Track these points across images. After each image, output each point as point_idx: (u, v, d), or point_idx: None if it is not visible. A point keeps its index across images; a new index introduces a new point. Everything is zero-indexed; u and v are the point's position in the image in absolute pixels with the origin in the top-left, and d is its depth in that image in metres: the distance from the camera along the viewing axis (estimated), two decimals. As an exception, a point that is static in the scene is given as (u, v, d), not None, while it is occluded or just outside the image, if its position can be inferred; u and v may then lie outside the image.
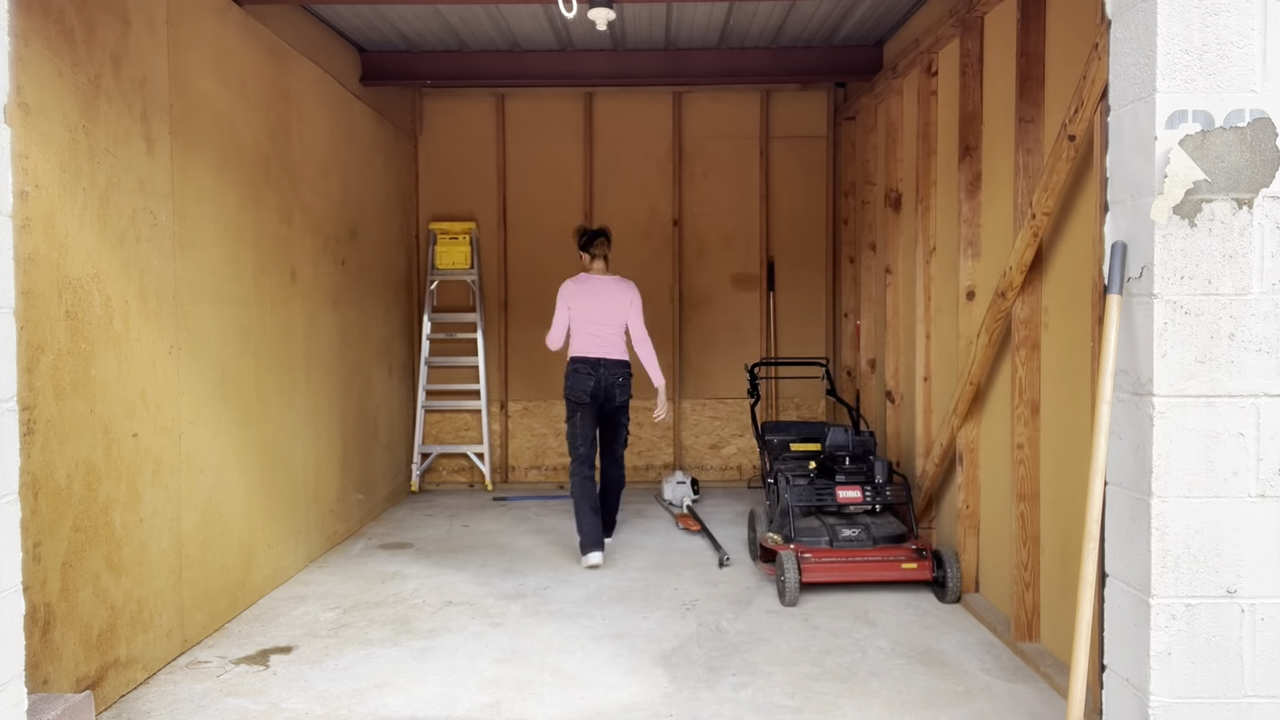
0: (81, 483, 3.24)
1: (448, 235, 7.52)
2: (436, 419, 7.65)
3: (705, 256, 7.65)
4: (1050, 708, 3.39)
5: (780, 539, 4.81)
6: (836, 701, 3.45)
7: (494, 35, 6.15)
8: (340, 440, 5.86)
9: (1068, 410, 3.63)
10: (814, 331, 7.70)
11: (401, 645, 4.05)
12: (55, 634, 3.09)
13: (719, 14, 5.72)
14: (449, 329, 7.60)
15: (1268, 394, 2.33)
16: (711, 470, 7.66)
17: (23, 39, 2.97)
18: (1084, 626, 2.45)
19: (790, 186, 7.65)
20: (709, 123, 7.60)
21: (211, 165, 4.21)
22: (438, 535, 6.02)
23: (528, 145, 7.60)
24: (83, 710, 2.55)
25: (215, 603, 4.20)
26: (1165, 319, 2.32)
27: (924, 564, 4.61)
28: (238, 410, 4.44)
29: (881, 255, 6.18)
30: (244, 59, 4.56)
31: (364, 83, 6.42)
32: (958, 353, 4.60)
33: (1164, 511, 2.33)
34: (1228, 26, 2.32)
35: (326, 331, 5.61)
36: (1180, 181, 2.31)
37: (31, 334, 2.99)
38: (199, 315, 4.09)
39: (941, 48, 4.98)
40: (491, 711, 3.39)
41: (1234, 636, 2.34)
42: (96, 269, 3.35)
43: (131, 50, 3.60)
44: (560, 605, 4.57)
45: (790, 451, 5.53)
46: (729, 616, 4.40)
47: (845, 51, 6.38)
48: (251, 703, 3.48)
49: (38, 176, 3.04)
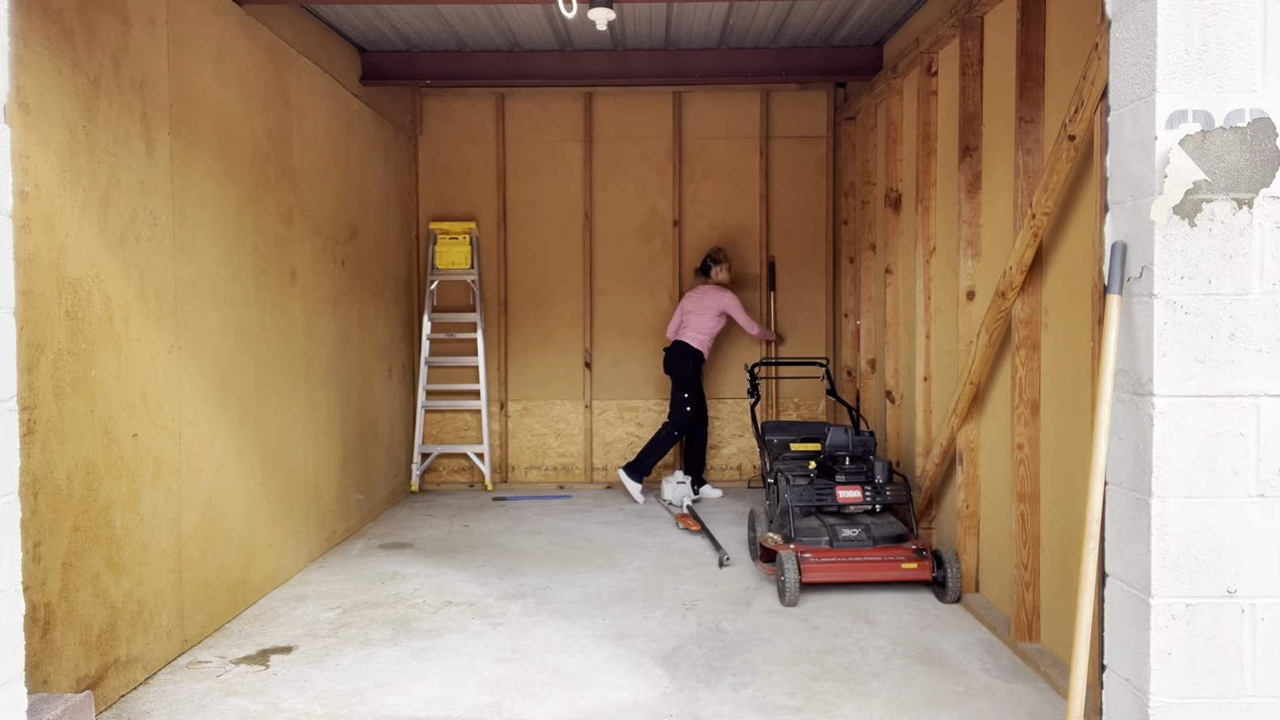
0: (81, 483, 3.24)
1: (448, 235, 7.51)
2: (436, 419, 7.65)
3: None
4: (1050, 708, 3.39)
5: (780, 539, 4.81)
6: (836, 701, 3.45)
7: (494, 35, 6.15)
8: (340, 440, 5.86)
9: (1068, 410, 3.63)
10: (814, 331, 7.70)
11: (401, 645, 4.05)
12: (55, 634, 3.09)
13: (719, 14, 5.72)
14: (449, 329, 7.60)
15: (1268, 394, 2.33)
16: (711, 470, 7.66)
17: (23, 39, 2.97)
18: (1084, 626, 2.45)
19: (790, 186, 7.64)
20: (709, 123, 7.60)
21: (211, 165, 4.21)
22: (438, 535, 6.02)
23: (528, 145, 7.60)
24: (83, 710, 2.55)
25: (215, 603, 4.20)
26: (1165, 319, 2.32)
27: (924, 564, 4.62)
28: (238, 410, 4.44)
29: (881, 255, 6.18)
30: (244, 59, 4.56)
31: (364, 83, 6.42)
32: (958, 353, 4.60)
33: (1164, 511, 2.33)
34: (1228, 26, 2.31)
35: (326, 331, 5.61)
36: (1180, 181, 2.30)
37: (31, 334, 2.99)
38: (199, 315, 4.09)
39: (941, 48, 4.98)
40: (491, 711, 3.39)
41: (1234, 636, 2.34)
42: (96, 269, 3.35)
43: (131, 50, 3.60)
44: (560, 605, 4.57)
45: (790, 451, 5.53)
46: (729, 616, 4.40)
47: (845, 51, 6.38)
48: (251, 703, 3.48)
49: (38, 176, 3.04)
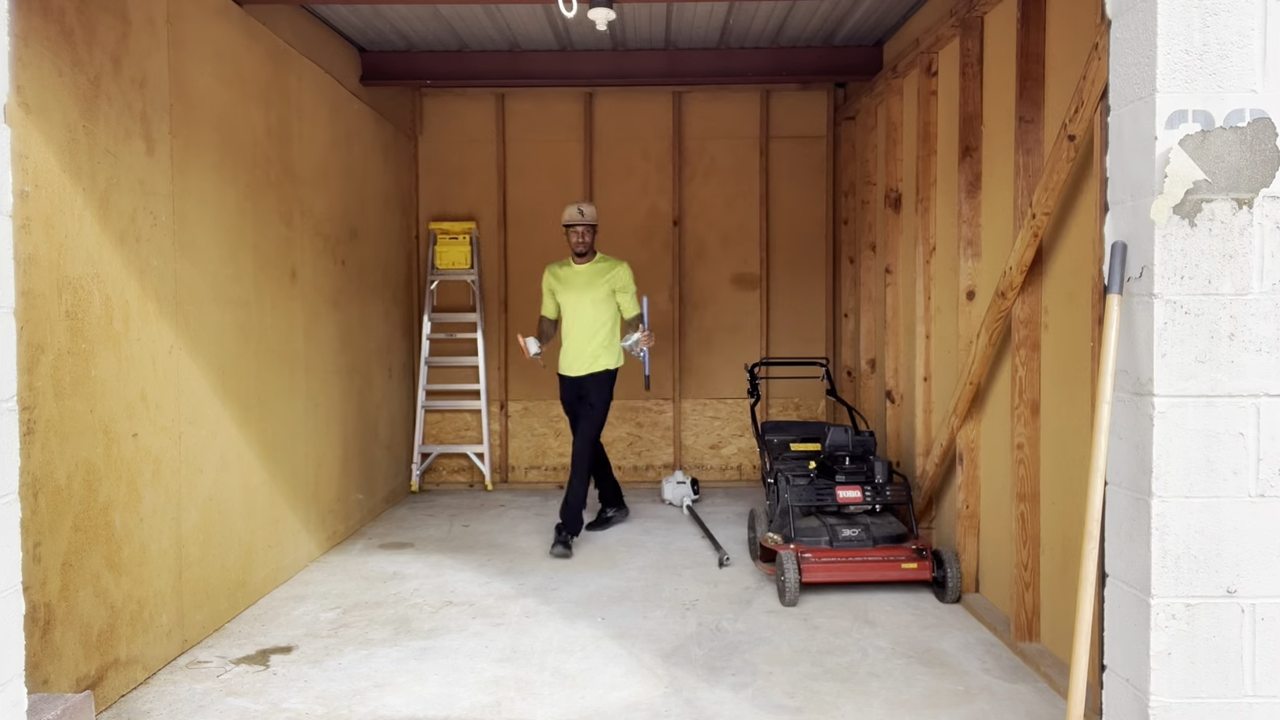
0: (81, 483, 3.24)
1: (448, 235, 7.51)
2: (436, 419, 7.65)
3: (705, 256, 7.64)
4: (1050, 708, 3.39)
5: (780, 539, 4.81)
6: (836, 701, 3.45)
7: (494, 35, 6.15)
8: (340, 440, 5.86)
9: (1068, 410, 3.63)
10: (814, 331, 7.71)
11: (401, 645, 4.05)
12: (55, 634, 3.09)
13: (719, 14, 5.72)
14: (449, 329, 7.60)
15: (1268, 394, 2.33)
16: (711, 470, 7.66)
17: (23, 39, 2.97)
18: (1084, 626, 2.45)
19: (790, 186, 7.64)
20: (709, 123, 7.60)
21: (211, 165, 4.21)
22: (438, 535, 6.02)
23: (528, 145, 7.60)
24: (83, 710, 2.54)
25: (215, 603, 4.20)
26: (1165, 319, 2.32)
27: (924, 564, 4.61)
28: (238, 410, 4.44)
29: (881, 255, 6.18)
30: (244, 59, 4.56)
31: (364, 82, 6.42)
32: (958, 353, 4.60)
33: (1164, 511, 2.33)
34: (1228, 26, 2.31)
35: (326, 331, 5.61)
36: (1180, 181, 2.30)
37: (31, 334, 2.99)
38: (199, 315, 4.09)
39: (941, 48, 4.98)
40: (491, 711, 3.39)
41: (1234, 636, 2.34)
42: (96, 269, 3.35)
43: (131, 50, 3.60)
44: (560, 605, 4.57)
45: (790, 451, 5.53)
46: (729, 616, 4.40)
47: (845, 51, 6.38)
48: (251, 703, 3.48)
49: (38, 176, 3.04)
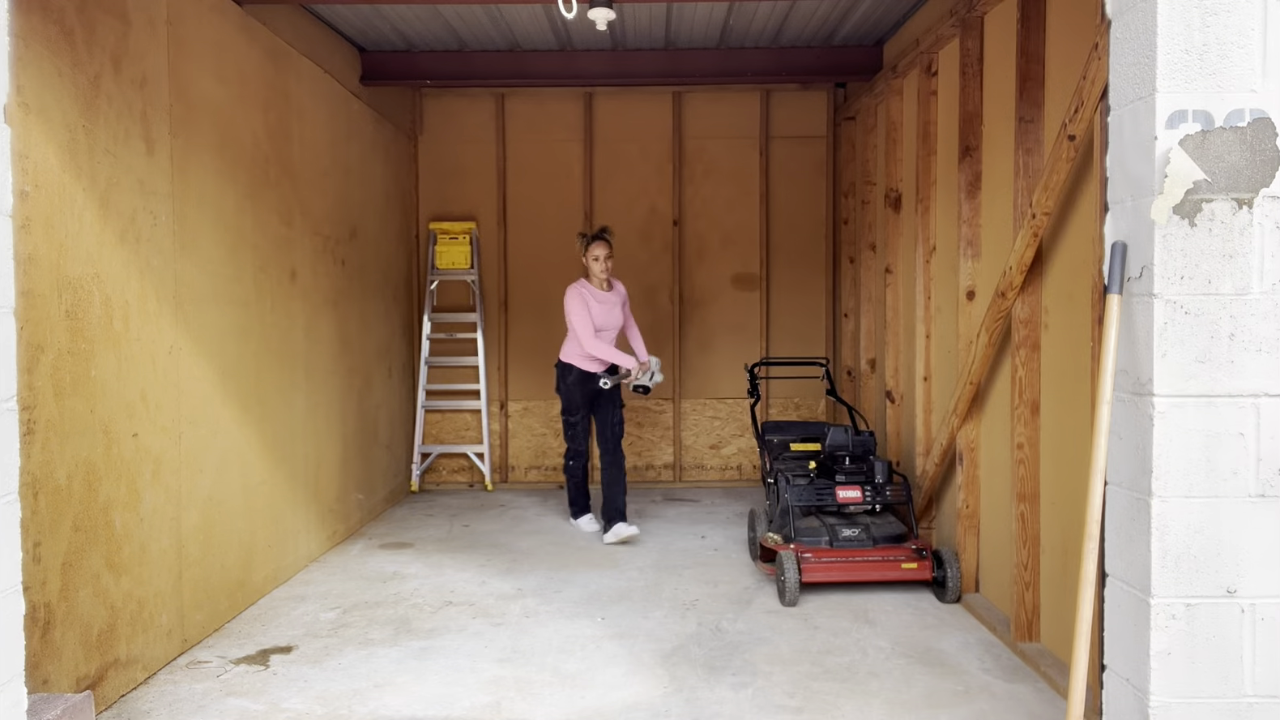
0: (81, 483, 3.24)
1: (448, 235, 7.52)
2: (436, 419, 7.65)
3: (705, 256, 7.64)
4: (1050, 708, 3.39)
5: (780, 539, 4.81)
6: (836, 701, 3.45)
7: (494, 35, 6.15)
8: (340, 440, 5.86)
9: (1068, 410, 3.63)
10: (814, 331, 7.71)
11: (401, 645, 4.05)
12: (55, 634, 3.09)
13: (719, 14, 5.72)
14: (449, 329, 7.60)
15: (1268, 394, 2.33)
16: (711, 470, 7.66)
17: (23, 39, 2.97)
18: (1084, 626, 2.45)
19: (790, 186, 7.64)
20: (709, 123, 7.60)
21: (211, 165, 4.21)
22: (438, 535, 6.02)
23: (528, 145, 7.60)
24: (83, 710, 2.55)
25: (215, 602, 4.20)
26: (1165, 319, 2.32)
27: (924, 564, 4.61)
28: (238, 410, 4.44)
29: (881, 255, 6.18)
30: (244, 59, 4.56)
31: (364, 82, 6.42)
32: (958, 353, 4.60)
33: (1164, 511, 2.33)
34: (1228, 26, 2.32)
35: (326, 331, 5.61)
36: (1180, 181, 2.30)
37: (31, 334, 2.99)
38: (199, 315, 4.09)
39: (941, 48, 4.98)
40: (491, 711, 3.39)
41: (1234, 636, 2.34)
42: (96, 269, 3.35)
43: (131, 50, 3.60)
44: (560, 605, 4.57)
45: (790, 451, 5.53)
46: (729, 616, 4.40)
47: (845, 51, 6.38)
48: (251, 702, 3.48)
49: (38, 176, 3.04)
